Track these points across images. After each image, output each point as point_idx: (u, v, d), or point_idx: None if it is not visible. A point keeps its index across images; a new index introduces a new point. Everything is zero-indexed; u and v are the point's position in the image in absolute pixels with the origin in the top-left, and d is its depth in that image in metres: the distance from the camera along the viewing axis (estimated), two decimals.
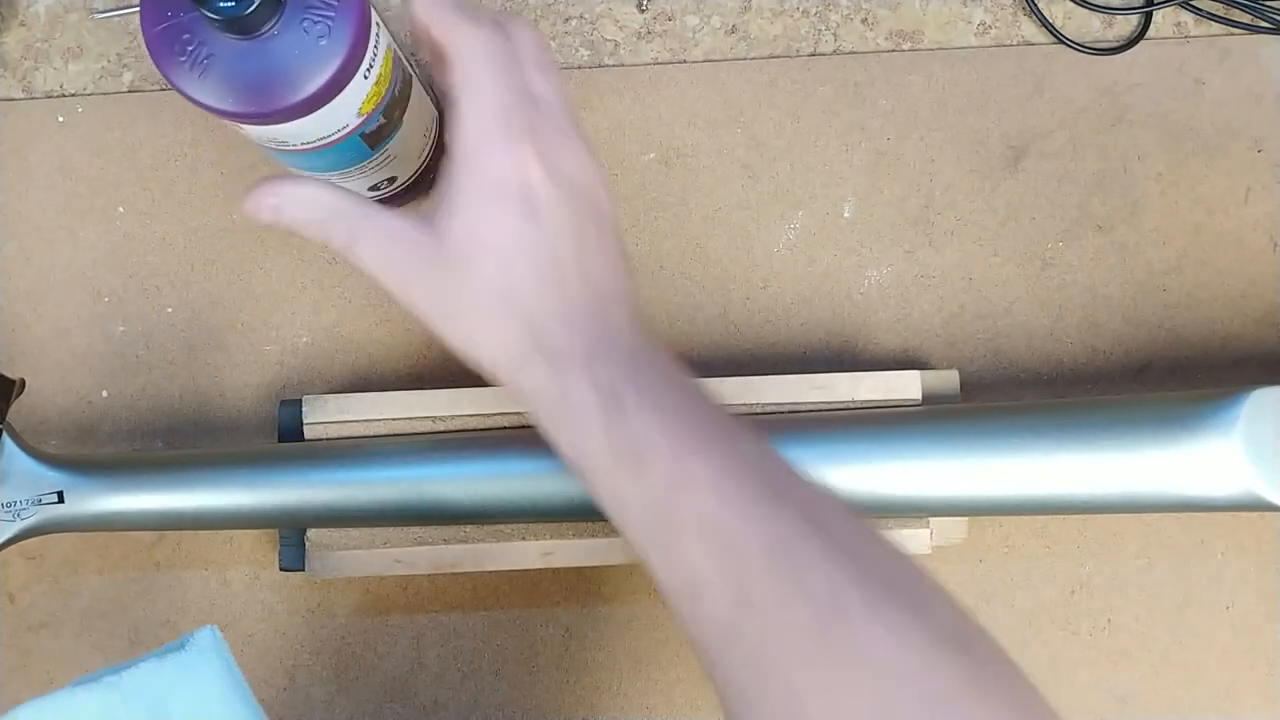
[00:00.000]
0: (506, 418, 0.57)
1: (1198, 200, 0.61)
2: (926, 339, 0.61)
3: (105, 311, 0.62)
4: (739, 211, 0.62)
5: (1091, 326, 0.61)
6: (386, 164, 0.56)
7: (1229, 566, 0.59)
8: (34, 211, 0.63)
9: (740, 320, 0.61)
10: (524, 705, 0.59)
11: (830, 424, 0.54)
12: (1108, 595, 0.59)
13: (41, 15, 0.64)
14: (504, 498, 0.54)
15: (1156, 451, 0.50)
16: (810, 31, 0.63)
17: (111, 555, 0.60)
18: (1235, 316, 0.61)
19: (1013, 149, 0.62)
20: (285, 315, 0.62)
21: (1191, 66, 0.62)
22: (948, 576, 0.59)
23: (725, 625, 0.40)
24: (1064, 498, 0.51)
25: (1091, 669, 0.59)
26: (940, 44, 0.63)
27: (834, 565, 0.39)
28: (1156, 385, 0.60)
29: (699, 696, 0.59)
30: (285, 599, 0.60)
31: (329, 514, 0.54)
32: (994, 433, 0.52)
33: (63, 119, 0.64)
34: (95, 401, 0.62)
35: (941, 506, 0.53)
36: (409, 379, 0.61)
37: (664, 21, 0.63)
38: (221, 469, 0.54)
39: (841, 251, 0.62)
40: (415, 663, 0.59)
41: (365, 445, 0.56)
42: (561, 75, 0.47)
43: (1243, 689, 0.58)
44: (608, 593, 0.59)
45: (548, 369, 0.43)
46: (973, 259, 0.61)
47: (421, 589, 0.60)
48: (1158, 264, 0.61)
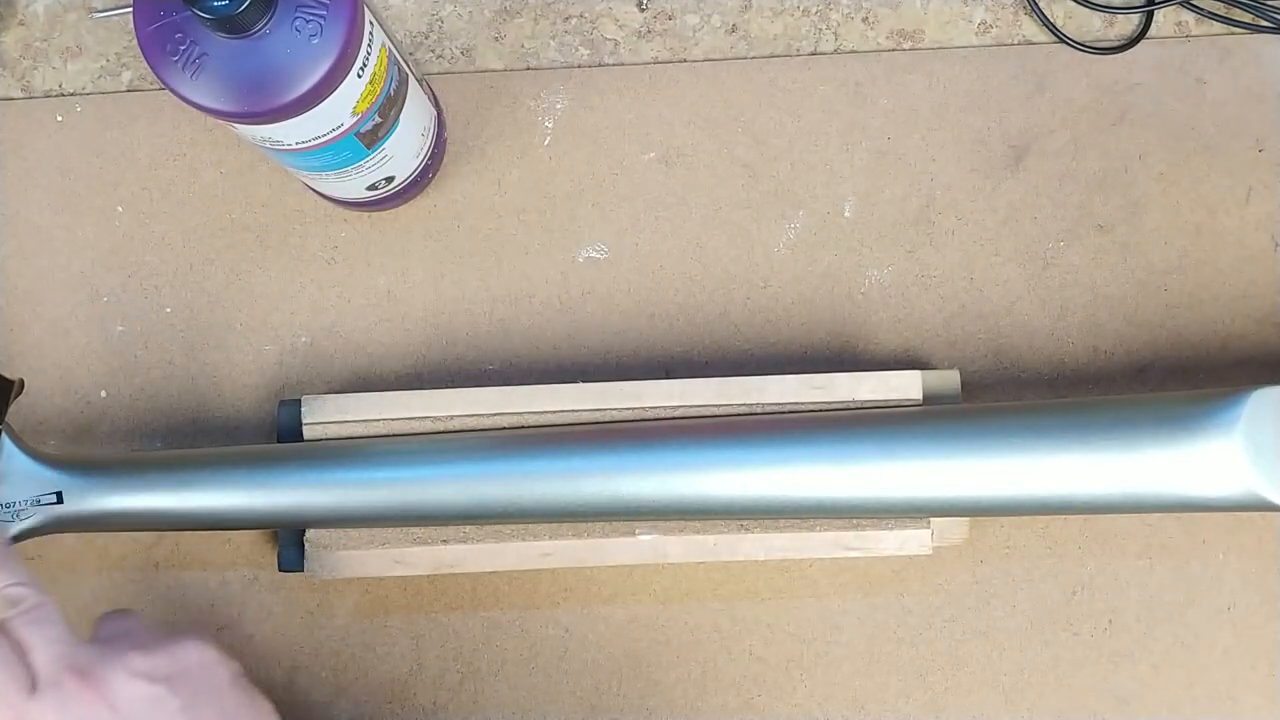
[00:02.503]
0: (506, 418, 0.56)
1: (1199, 200, 0.61)
2: (927, 339, 0.61)
3: (104, 311, 0.62)
4: (739, 211, 0.62)
5: (1093, 326, 0.61)
6: (383, 163, 0.55)
7: (1230, 567, 0.59)
8: (33, 211, 0.63)
9: (740, 320, 0.61)
10: (524, 706, 0.59)
11: (830, 424, 0.54)
12: (1109, 596, 0.59)
13: (40, 15, 0.64)
14: (503, 498, 0.54)
15: (1158, 452, 0.50)
16: (811, 30, 0.63)
17: (110, 555, 0.60)
18: (1236, 316, 0.61)
19: (1014, 148, 0.62)
20: (284, 315, 0.62)
21: (1193, 66, 0.62)
22: (948, 577, 0.59)
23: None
24: (1065, 498, 0.51)
25: (1092, 669, 0.58)
26: (941, 43, 0.63)
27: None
28: (1157, 385, 0.60)
29: (699, 697, 0.59)
30: (284, 600, 0.60)
31: (328, 514, 0.54)
32: (995, 433, 0.52)
33: (61, 118, 0.63)
34: (94, 401, 0.62)
35: (942, 507, 0.53)
36: (408, 379, 0.61)
37: (664, 21, 0.63)
38: (221, 469, 0.54)
39: (842, 251, 0.61)
40: (415, 663, 0.59)
41: (364, 445, 0.56)
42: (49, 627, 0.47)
43: (1244, 689, 0.58)
44: (608, 593, 0.59)
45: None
46: (974, 259, 0.61)
47: (421, 589, 0.60)
48: (1159, 264, 0.61)
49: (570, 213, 0.62)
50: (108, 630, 0.50)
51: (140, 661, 0.46)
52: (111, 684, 0.45)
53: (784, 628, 0.59)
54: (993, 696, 0.58)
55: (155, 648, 0.47)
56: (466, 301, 0.62)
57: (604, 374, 0.61)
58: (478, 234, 0.62)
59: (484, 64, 0.63)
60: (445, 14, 0.64)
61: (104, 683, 0.45)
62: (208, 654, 0.48)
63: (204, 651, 0.48)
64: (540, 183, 0.62)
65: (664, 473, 0.53)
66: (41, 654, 0.46)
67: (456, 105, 0.63)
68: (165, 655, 0.47)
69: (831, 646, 0.59)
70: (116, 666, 0.46)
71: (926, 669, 0.59)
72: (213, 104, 0.46)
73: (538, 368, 0.61)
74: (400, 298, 0.62)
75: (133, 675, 0.46)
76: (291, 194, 0.62)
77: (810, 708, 0.59)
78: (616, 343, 0.61)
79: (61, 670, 0.45)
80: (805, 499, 0.53)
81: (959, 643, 0.59)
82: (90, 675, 0.45)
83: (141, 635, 0.49)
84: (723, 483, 0.53)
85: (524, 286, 0.62)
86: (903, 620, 0.59)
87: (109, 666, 0.46)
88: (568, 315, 0.61)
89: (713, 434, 0.54)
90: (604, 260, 0.62)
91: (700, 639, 0.59)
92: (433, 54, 0.63)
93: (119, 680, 0.46)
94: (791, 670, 0.59)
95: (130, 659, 0.46)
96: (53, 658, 0.46)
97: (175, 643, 0.48)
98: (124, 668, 0.46)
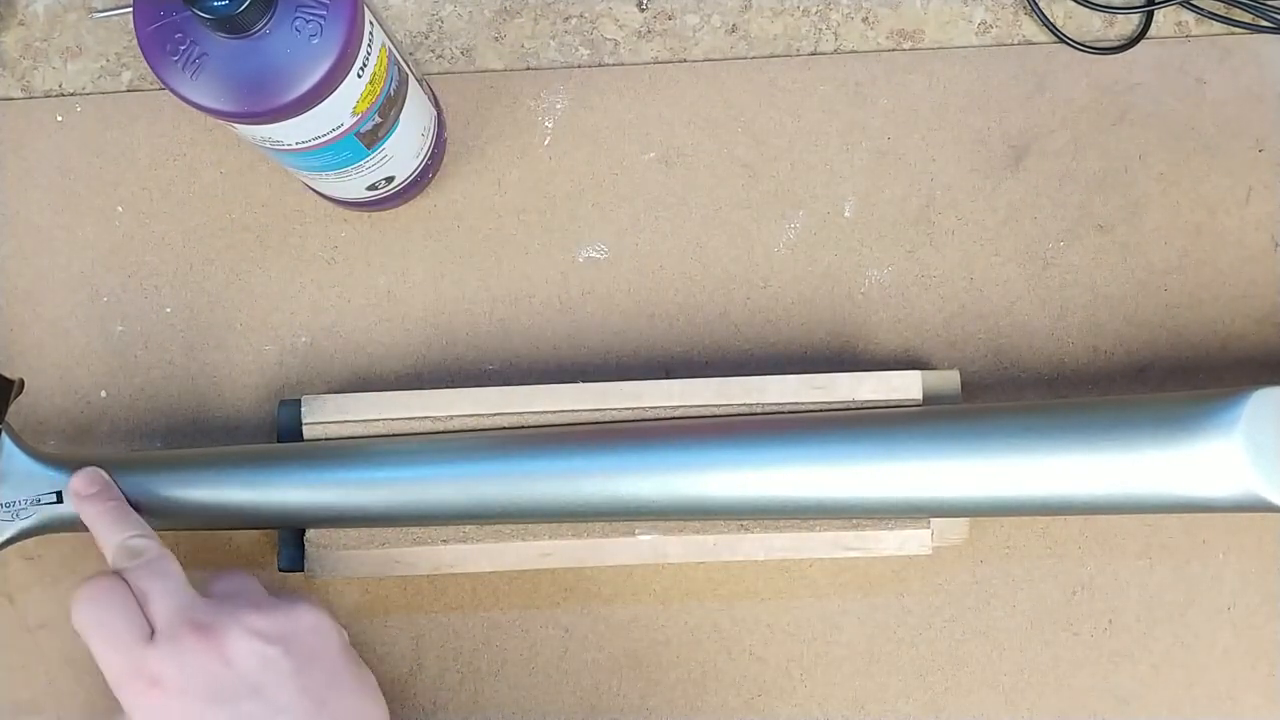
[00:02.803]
0: (506, 418, 0.56)
1: (1199, 200, 0.61)
2: (927, 339, 0.61)
3: (104, 311, 0.62)
4: (739, 211, 0.62)
5: (1093, 326, 0.61)
6: (384, 163, 0.55)
7: (1230, 567, 0.59)
8: (33, 211, 0.63)
9: (740, 320, 0.61)
10: (524, 706, 0.59)
11: (830, 424, 0.54)
12: (1109, 596, 0.59)
13: (40, 15, 0.64)
14: (503, 498, 0.54)
15: (1158, 452, 0.50)
16: (811, 30, 0.63)
17: None
18: (1237, 316, 0.61)
19: (1014, 148, 0.62)
20: (284, 315, 0.62)
21: (1193, 66, 0.62)
22: (948, 577, 0.59)
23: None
24: (1065, 498, 0.51)
25: (1093, 669, 0.58)
26: (941, 43, 0.63)
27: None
28: (1157, 385, 0.60)
29: (699, 697, 0.59)
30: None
31: (328, 514, 0.54)
32: (995, 433, 0.52)
33: (61, 118, 0.63)
34: (94, 401, 0.62)
35: (942, 507, 0.53)
36: (408, 379, 0.61)
37: (664, 20, 0.63)
38: (220, 469, 0.54)
39: (842, 251, 0.61)
40: (415, 663, 0.59)
41: (364, 445, 0.56)
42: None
43: (1244, 690, 0.58)
44: (608, 593, 0.59)
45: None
46: (974, 259, 0.61)
47: (421, 589, 0.60)
48: (1159, 264, 0.61)
49: (570, 213, 0.62)
50: (223, 588, 0.50)
51: (257, 620, 0.47)
52: (228, 640, 0.46)
53: (784, 628, 0.59)
54: (993, 696, 0.58)
55: (271, 608, 0.48)
56: (466, 301, 0.62)
57: (604, 374, 0.61)
58: (478, 234, 0.62)
59: (484, 64, 0.63)
60: (445, 14, 0.64)
61: (220, 638, 0.46)
62: (321, 619, 0.49)
63: (318, 616, 0.49)
64: (540, 183, 0.62)
65: (664, 473, 0.53)
66: (160, 604, 0.47)
67: (456, 105, 0.63)
68: (281, 616, 0.48)
69: (831, 646, 0.59)
70: (233, 623, 0.46)
71: (926, 669, 0.59)
72: (213, 104, 0.46)
73: (538, 368, 0.61)
74: (400, 298, 0.62)
75: (249, 633, 0.46)
76: (291, 194, 0.62)
77: (810, 708, 0.59)
78: (616, 343, 0.61)
79: (179, 622, 0.46)
80: (805, 499, 0.53)
81: (959, 643, 0.59)
82: (207, 629, 0.46)
83: (257, 595, 0.50)
84: (723, 483, 0.53)
85: (524, 286, 0.62)
86: (903, 620, 0.59)
87: (226, 622, 0.46)
88: (568, 315, 0.61)
89: (713, 434, 0.54)
90: (604, 260, 0.62)
91: (700, 639, 0.59)
92: (433, 54, 0.63)
93: (235, 636, 0.46)
94: (791, 670, 0.59)
95: (247, 617, 0.47)
96: (171, 609, 0.47)
97: (291, 604, 0.49)
98: (240, 625, 0.47)
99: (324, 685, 0.47)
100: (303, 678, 0.47)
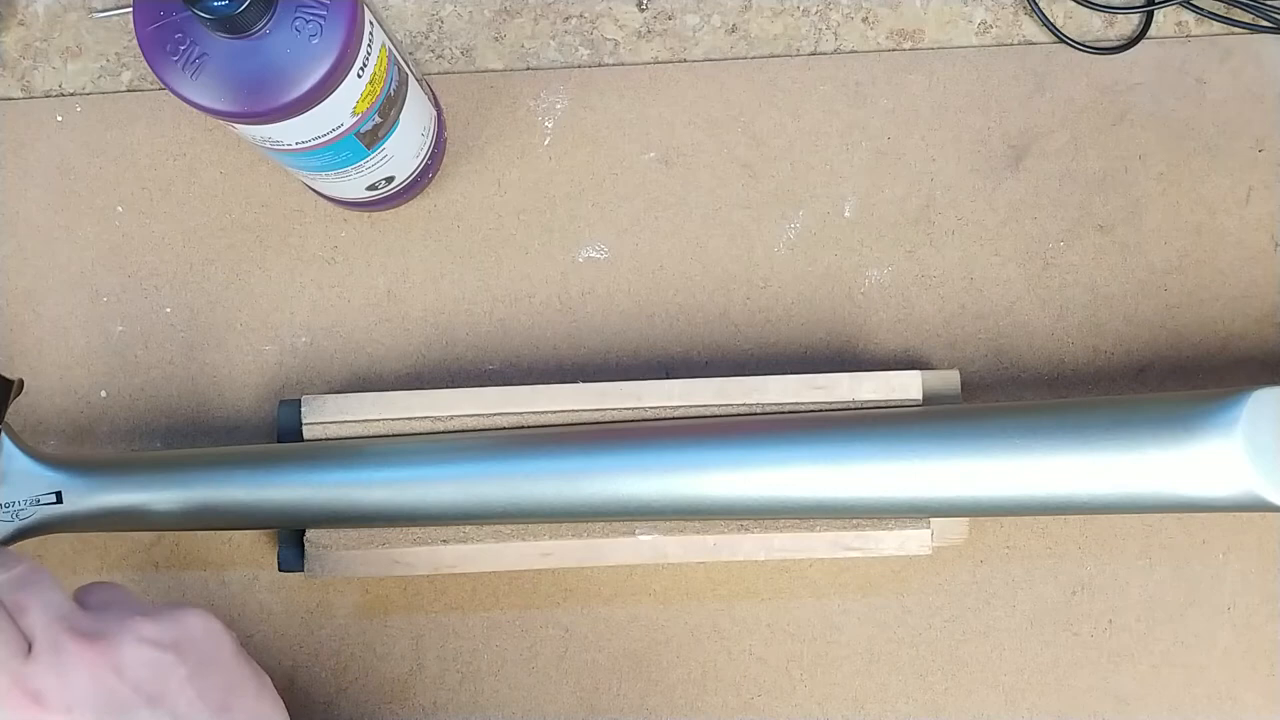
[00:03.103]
0: (506, 418, 0.56)
1: (1199, 200, 0.61)
2: (927, 339, 0.61)
3: (104, 311, 0.62)
4: (739, 211, 0.62)
5: (1093, 326, 0.61)
6: (383, 163, 0.55)
7: (1230, 567, 0.59)
8: (32, 211, 0.63)
9: (740, 320, 0.61)
10: (524, 706, 0.59)
11: (830, 424, 0.54)
12: (1109, 596, 0.59)
13: (40, 14, 0.64)
14: (503, 498, 0.54)
15: (1157, 452, 0.50)
16: (811, 30, 0.63)
17: (110, 555, 0.60)
18: (1236, 316, 0.61)
19: (1014, 148, 0.62)
20: (284, 315, 0.62)
21: (1193, 66, 0.62)
22: (948, 577, 0.59)
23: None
24: (1065, 498, 0.51)
25: (1092, 669, 0.58)
26: (941, 43, 0.63)
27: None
28: (1157, 385, 0.60)
29: (699, 697, 0.59)
30: (284, 600, 0.60)
31: (328, 514, 0.54)
32: (995, 433, 0.52)
33: (61, 118, 0.63)
34: (94, 401, 0.61)
35: (942, 507, 0.53)
36: (408, 379, 0.61)
37: (664, 20, 0.63)
38: (220, 469, 0.54)
39: (842, 251, 0.61)
40: (415, 663, 0.59)
41: (364, 445, 0.55)
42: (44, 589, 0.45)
43: (1244, 690, 0.58)
44: (607, 593, 0.59)
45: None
46: (974, 259, 0.61)
47: (421, 590, 0.60)
48: (1159, 264, 0.61)
49: (570, 213, 0.62)
50: (99, 598, 0.47)
51: (147, 627, 0.45)
52: (118, 648, 0.43)
53: (784, 628, 0.59)
54: (993, 696, 0.58)
55: (158, 615, 0.46)
56: (466, 301, 0.62)
57: (604, 374, 0.61)
58: (478, 234, 0.62)
59: (484, 64, 0.63)
60: (445, 14, 0.64)
61: (110, 647, 0.43)
62: (211, 624, 0.47)
63: (207, 621, 0.47)
64: (540, 183, 0.62)
65: (664, 473, 0.53)
66: (38, 616, 0.44)
67: (456, 105, 0.63)
68: (171, 622, 0.45)
69: (831, 646, 0.59)
70: (122, 631, 0.44)
71: (926, 669, 0.59)
72: (213, 104, 0.46)
73: (538, 368, 0.61)
74: (400, 298, 0.62)
75: (140, 640, 0.44)
76: (291, 194, 0.62)
77: (810, 708, 0.59)
78: (616, 343, 0.61)
79: (61, 632, 0.43)
80: (805, 499, 0.53)
81: (959, 643, 0.59)
82: (94, 638, 0.43)
83: (138, 603, 0.47)
84: (723, 483, 0.53)
85: (524, 286, 0.62)
86: (903, 620, 0.59)
87: (115, 630, 0.44)
88: (568, 315, 0.61)
89: (713, 434, 0.54)
90: (604, 260, 0.62)
91: (700, 639, 0.59)
92: (433, 54, 0.63)
93: (125, 644, 0.44)
94: (791, 670, 0.59)
95: (136, 624, 0.45)
96: (50, 620, 0.44)
97: (180, 611, 0.46)
98: (130, 632, 0.44)
99: (223, 690, 0.45)
100: (200, 683, 0.44)
